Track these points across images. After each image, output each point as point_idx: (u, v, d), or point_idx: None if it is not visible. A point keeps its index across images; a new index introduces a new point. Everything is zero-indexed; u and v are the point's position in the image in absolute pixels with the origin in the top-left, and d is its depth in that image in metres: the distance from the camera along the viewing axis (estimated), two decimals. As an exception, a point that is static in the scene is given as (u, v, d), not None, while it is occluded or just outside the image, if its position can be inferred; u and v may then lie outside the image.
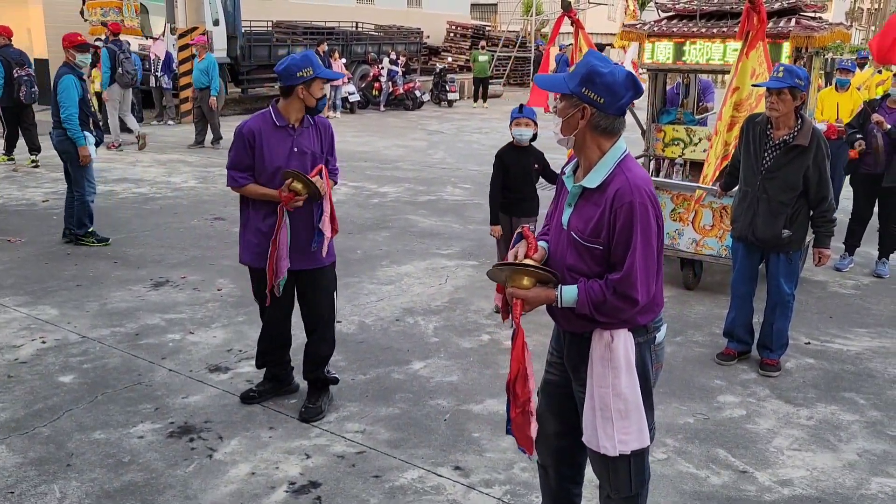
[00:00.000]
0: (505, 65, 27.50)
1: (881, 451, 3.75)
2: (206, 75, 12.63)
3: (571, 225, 2.43)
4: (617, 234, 2.32)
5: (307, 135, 3.80)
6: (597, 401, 2.43)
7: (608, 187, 2.35)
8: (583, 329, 2.47)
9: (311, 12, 24.09)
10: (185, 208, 8.50)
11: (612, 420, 2.42)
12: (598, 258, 2.39)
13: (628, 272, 2.31)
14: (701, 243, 5.89)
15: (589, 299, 2.35)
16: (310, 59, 3.69)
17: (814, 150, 4.28)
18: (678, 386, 4.39)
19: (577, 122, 2.37)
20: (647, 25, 6.10)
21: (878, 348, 5.01)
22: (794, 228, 4.43)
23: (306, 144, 3.79)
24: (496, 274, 2.47)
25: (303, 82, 3.65)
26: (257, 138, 3.72)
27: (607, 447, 2.44)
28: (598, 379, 2.43)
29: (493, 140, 14.77)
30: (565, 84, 2.37)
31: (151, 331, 5.02)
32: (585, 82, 2.33)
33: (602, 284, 2.36)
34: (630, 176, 2.35)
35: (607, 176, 2.36)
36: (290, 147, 3.74)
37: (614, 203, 2.32)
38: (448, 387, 4.34)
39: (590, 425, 2.48)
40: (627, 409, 2.41)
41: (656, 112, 6.54)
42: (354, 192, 9.61)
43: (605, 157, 2.38)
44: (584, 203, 2.41)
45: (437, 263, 6.68)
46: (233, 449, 3.62)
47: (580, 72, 2.36)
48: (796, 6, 5.75)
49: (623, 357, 2.40)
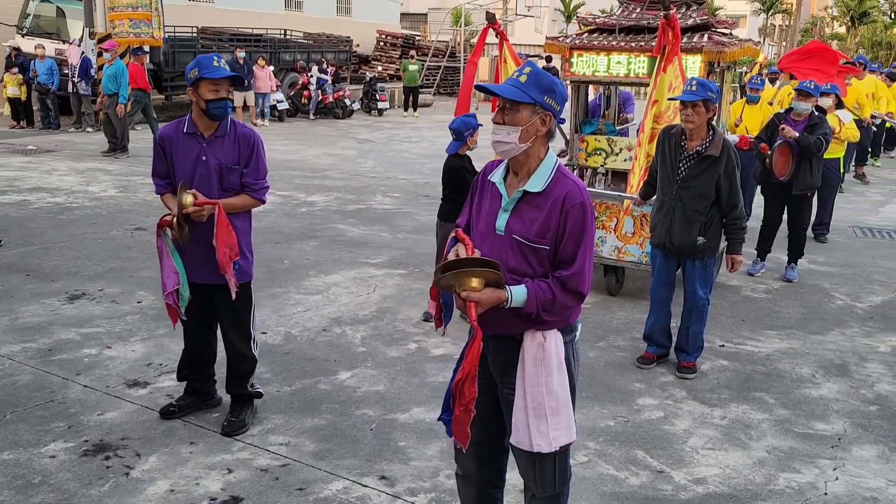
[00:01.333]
0: (435, 74, 27.67)
1: (788, 447, 3.93)
2: (114, 81, 12.29)
3: (513, 229, 2.47)
4: (568, 234, 2.42)
5: (220, 145, 3.65)
6: (529, 400, 2.50)
7: (553, 190, 2.44)
8: (514, 331, 2.53)
9: (239, 18, 23.74)
10: (104, 218, 8.23)
11: (546, 417, 2.50)
12: (543, 258, 2.46)
13: (580, 268, 2.43)
14: (623, 250, 6.06)
15: (538, 298, 2.42)
16: (199, 60, 3.58)
17: (724, 159, 4.47)
18: (600, 390, 4.50)
19: (537, 129, 2.43)
20: (569, 39, 6.25)
21: (787, 349, 5.26)
22: (708, 236, 4.61)
23: (217, 153, 3.64)
24: (445, 280, 2.42)
25: (190, 85, 3.57)
26: (167, 145, 3.65)
27: (541, 445, 2.51)
28: (530, 379, 2.50)
29: (422, 149, 14.84)
30: (526, 93, 2.39)
31: (66, 346, 4.84)
32: (548, 91, 2.41)
33: (550, 283, 2.44)
34: (573, 179, 2.49)
35: (549, 180, 2.45)
36: (196, 155, 3.63)
37: (565, 204, 2.41)
38: (375, 396, 4.33)
39: (521, 426, 2.52)
40: (558, 406, 2.51)
41: (579, 123, 6.71)
42: (282, 202, 9.49)
43: (543, 162, 2.48)
44: (524, 207, 2.47)
45: (365, 273, 6.66)
46: (151, 466, 3.52)
47: (541, 82, 2.41)
48: (708, 23, 6.00)
49: (555, 356, 2.50)
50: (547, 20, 35.04)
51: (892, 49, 46.12)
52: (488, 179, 2.60)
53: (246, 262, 3.81)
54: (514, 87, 2.41)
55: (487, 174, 2.62)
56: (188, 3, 24.17)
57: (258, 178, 3.76)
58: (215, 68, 3.57)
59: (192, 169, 3.62)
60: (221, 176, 3.64)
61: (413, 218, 8.83)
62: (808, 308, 6.13)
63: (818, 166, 6.56)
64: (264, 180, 3.81)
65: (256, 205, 3.82)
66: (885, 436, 4.08)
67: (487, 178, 2.61)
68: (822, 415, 4.30)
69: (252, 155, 3.71)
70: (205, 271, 3.68)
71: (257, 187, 3.77)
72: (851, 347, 5.32)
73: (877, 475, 3.69)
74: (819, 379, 4.78)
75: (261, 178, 3.77)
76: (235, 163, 3.68)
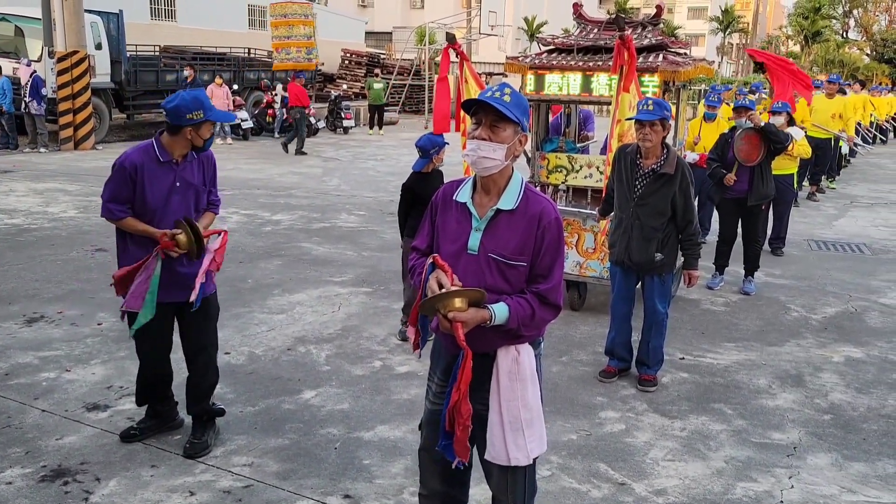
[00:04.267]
0: (400, 92, 27.80)
1: (745, 457, 4.02)
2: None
3: (487, 248, 2.50)
4: (545, 249, 2.48)
5: (190, 168, 3.72)
6: (505, 415, 2.54)
7: (526, 208, 2.49)
8: (491, 348, 2.56)
9: (202, 37, 23.66)
10: (64, 240, 8.11)
11: (522, 430, 2.55)
12: (521, 275, 2.51)
13: (557, 282, 2.51)
14: (584, 266, 6.16)
15: (518, 315, 2.48)
16: (201, 101, 3.57)
17: (679, 177, 4.58)
18: (563, 404, 4.56)
19: (516, 148, 2.50)
20: (528, 59, 6.36)
21: (745, 361, 5.38)
22: (665, 252, 4.72)
23: (189, 178, 3.71)
24: (430, 303, 2.45)
25: (192, 125, 3.56)
26: (139, 173, 3.59)
27: (519, 458, 2.56)
28: (505, 393, 2.54)
29: (388, 167, 14.88)
30: (512, 112, 2.42)
31: (23, 370, 4.75)
32: (525, 113, 2.49)
33: (528, 298, 2.50)
34: (542, 196, 2.55)
35: (520, 197, 2.50)
36: (172, 181, 3.65)
37: (542, 221, 2.47)
38: (339, 415, 4.33)
39: (498, 441, 2.56)
40: (532, 418, 2.57)
41: (540, 140, 6.81)
42: (246, 220, 9.45)
43: (512, 180, 2.54)
44: (497, 225, 2.50)
45: (330, 291, 6.66)
46: (111, 490, 3.48)
47: (521, 103, 2.47)
48: (663, 43, 6.15)
49: (528, 369, 2.56)
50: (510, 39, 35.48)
51: (844, 67, 47.55)
52: (454, 200, 2.59)
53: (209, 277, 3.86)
54: (502, 105, 2.43)
55: (449, 195, 2.62)
56: (151, 21, 24.03)
57: (217, 194, 3.95)
58: (218, 111, 3.72)
59: (166, 196, 3.63)
60: (197, 198, 3.75)
61: (378, 236, 8.85)
62: (765, 320, 6.28)
63: (768, 176, 6.76)
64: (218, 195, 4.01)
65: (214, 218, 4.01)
66: (839, 444, 4.19)
67: (452, 198, 2.60)
68: (778, 424, 4.41)
69: (214, 173, 3.88)
70: (174, 291, 3.68)
71: (217, 202, 3.95)
72: (806, 358, 5.46)
73: (830, 482, 3.79)
74: (775, 389, 4.90)
75: (216, 192, 3.96)
76: (203, 183, 3.80)
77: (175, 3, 25.14)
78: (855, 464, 3.98)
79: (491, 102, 2.43)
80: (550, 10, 44.61)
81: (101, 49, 16.71)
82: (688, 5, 74.70)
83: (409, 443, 3.93)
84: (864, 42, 57.73)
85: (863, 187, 13.90)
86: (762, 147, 6.59)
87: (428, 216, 2.69)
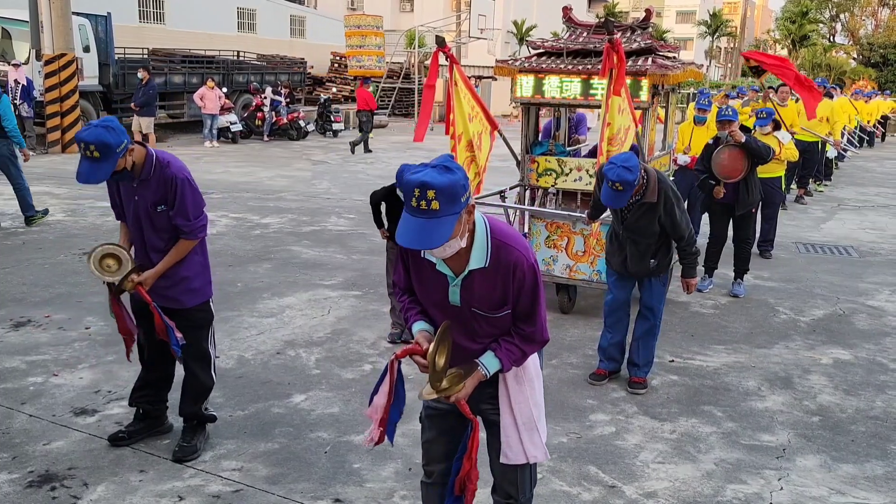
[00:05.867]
0: (390, 96, 27.78)
1: (735, 459, 4.04)
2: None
3: (469, 302, 2.47)
4: (524, 294, 2.47)
5: (147, 187, 3.57)
6: (518, 417, 2.60)
7: (498, 261, 2.40)
8: None
9: (191, 40, 23.56)
10: (51, 243, 8.05)
11: (536, 427, 2.63)
12: (507, 320, 2.54)
13: (541, 321, 2.53)
14: (574, 269, 6.17)
15: (510, 360, 2.54)
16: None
17: (662, 201, 4.56)
18: (553, 407, 4.55)
19: (469, 221, 2.34)
20: (518, 62, 6.38)
21: (734, 363, 5.40)
22: (658, 258, 4.75)
23: (144, 196, 3.59)
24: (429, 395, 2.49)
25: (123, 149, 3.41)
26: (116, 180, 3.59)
27: (537, 455, 2.64)
28: (515, 395, 2.60)
29: (377, 170, 14.86)
30: (448, 217, 2.21)
31: (10, 375, 4.71)
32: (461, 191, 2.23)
33: (515, 341, 2.53)
34: (512, 243, 2.42)
35: (489, 251, 2.40)
36: (131, 195, 3.63)
37: (516, 272, 2.42)
38: (329, 418, 4.31)
39: (514, 443, 2.61)
40: (540, 413, 2.66)
41: (529, 144, 6.82)
42: (236, 224, 9.41)
43: (476, 234, 2.39)
44: (473, 282, 2.44)
45: (319, 294, 6.64)
46: (99, 496, 3.45)
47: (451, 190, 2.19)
48: (652, 47, 6.18)
49: (533, 369, 2.64)
50: (500, 42, 35.52)
51: (831, 71, 47.92)
52: (425, 258, 2.47)
53: (203, 282, 3.84)
54: (436, 224, 2.19)
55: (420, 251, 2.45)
56: (139, 24, 23.92)
57: (188, 220, 3.63)
58: None
59: (130, 208, 3.65)
60: (151, 218, 3.62)
61: (368, 239, 8.84)
62: (754, 322, 6.30)
63: (754, 185, 6.76)
64: (197, 220, 3.67)
65: (194, 244, 3.72)
66: (827, 445, 4.22)
67: (422, 255, 2.47)
68: (768, 426, 4.43)
69: (176, 196, 3.57)
70: (156, 297, 3.67)
71: (188, 229, 3.64)
72: (795, 360, 5.49)
73: (819, 484, 3.81)
74: (764, 391, 4.92)
75: (192, 219, 3.64)
76: (161, 204, 3.59)
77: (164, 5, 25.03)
78: (843, 465, 4.00)
79: (427, 243, 2.22)
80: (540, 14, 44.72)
81: (90, 52, 16.64)
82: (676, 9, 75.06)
83: (399, 446, 3.92)
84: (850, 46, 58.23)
85: (850, 190, 14.01)
86: (745, 162, 6.52)
87: (400, 257, 2.59)
